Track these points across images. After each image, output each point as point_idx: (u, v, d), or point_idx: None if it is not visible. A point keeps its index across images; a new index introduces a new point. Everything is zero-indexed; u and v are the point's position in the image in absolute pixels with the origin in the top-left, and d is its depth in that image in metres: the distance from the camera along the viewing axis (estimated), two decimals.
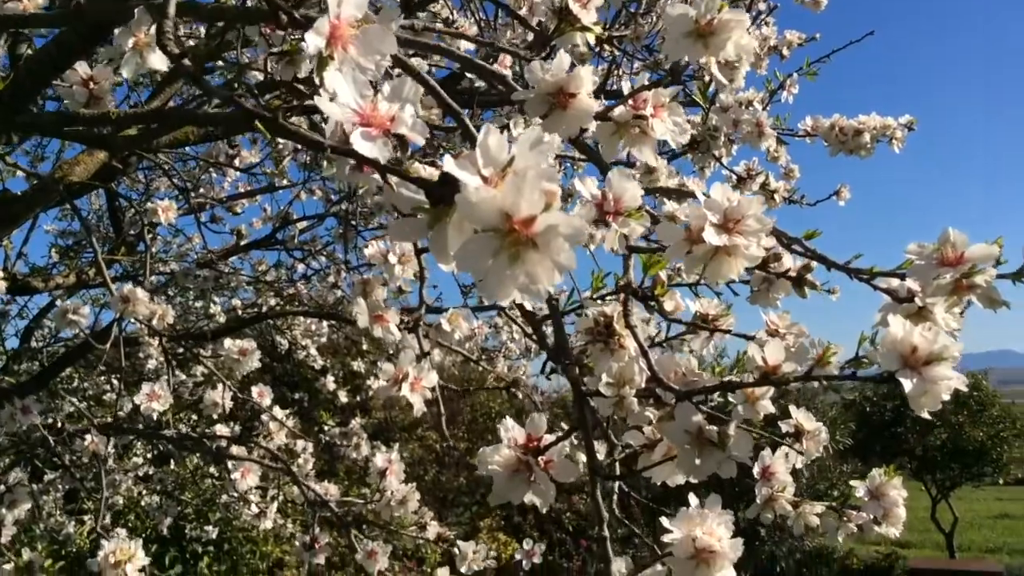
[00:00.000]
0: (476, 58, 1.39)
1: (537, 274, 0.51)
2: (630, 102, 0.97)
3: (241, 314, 4.20)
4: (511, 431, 1.00)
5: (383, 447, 2.61)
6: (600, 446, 1.09)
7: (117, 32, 1.19)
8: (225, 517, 5.61)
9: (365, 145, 0.57)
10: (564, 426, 1.00)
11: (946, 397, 0.77)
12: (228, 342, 2.36)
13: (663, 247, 0.97)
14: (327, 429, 4.49)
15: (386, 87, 0.62)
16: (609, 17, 2.38)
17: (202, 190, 4.00)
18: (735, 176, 2.49)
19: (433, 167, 0.60)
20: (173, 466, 5.26)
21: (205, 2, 1.42)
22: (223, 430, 2.71)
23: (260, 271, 4.42)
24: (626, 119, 0.99)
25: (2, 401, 2.48)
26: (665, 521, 0.99)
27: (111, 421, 2.68)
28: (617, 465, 1.04)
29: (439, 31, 1.58)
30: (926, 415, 0.79)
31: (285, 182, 3.96)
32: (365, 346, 5.07)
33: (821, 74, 2.66)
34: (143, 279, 2.93)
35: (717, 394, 1.09)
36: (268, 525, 2.91)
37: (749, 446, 0.90)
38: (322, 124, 1.09)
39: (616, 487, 1.31)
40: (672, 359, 1.00)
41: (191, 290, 4.17)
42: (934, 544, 14.41)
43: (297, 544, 2.34)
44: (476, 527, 8.60)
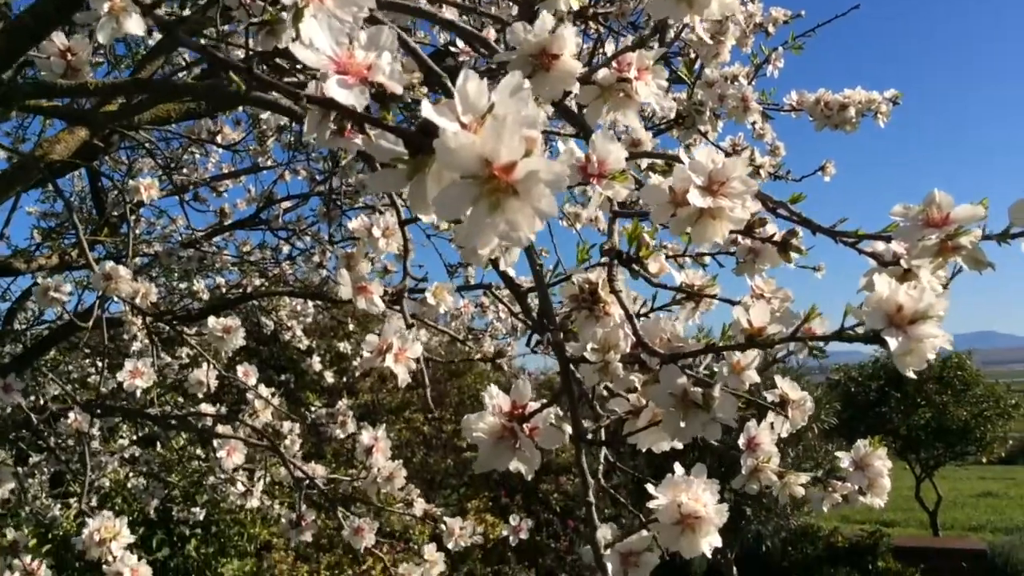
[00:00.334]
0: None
1: (518, 222, 0.50)
2: (614, 65, 0.96)
3: (226, 293, 4.18)
4: (496, 398, 0.99)
5: (370, 428, 2.61)
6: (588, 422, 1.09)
7: None
8: (212, 499, 5.59)
9: (341, 92, 0.56)
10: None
11: (932, 356, 0.77)
12: (212, 320, 2.34)
13: (647, 212, 0.96)
14: (313, 410, 4.48)
15: (363, 35, 0.60)
16: None
17: (185, 170, 3.97)
18: (721, 151, 2.49)
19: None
20: (159, 448, 5.25)
21: None
22: (208, 409, 2.69)
23: (244, 251, 4.39)
24: (610, 82, 0.98)
25: None
26: (651, 487, 0.99)
27: (94, 399, 2.66)
28: (602, 432, 1.04)
29: None
30: (911, 374, 0.78)
31: (270, 163, 3.94)
32: (351, 327, 5.05)
33: (807, 49, 2.66)
34: (126, 260, 2.90)
35: (703, 366, 1.09)
36: (255, 504, 2.90)
37: (734, 409, 0.90)
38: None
39: (603, 460, 1.30)
40: (657, 325, 0.99)
41: (175, 271, 4.14)
42: (918, 523, 14.56)
43: (283, 522, 2.33)
44: (464, 509, 8.61)
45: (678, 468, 0.99)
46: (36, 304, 4.93)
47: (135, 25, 1.08)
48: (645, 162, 1.61)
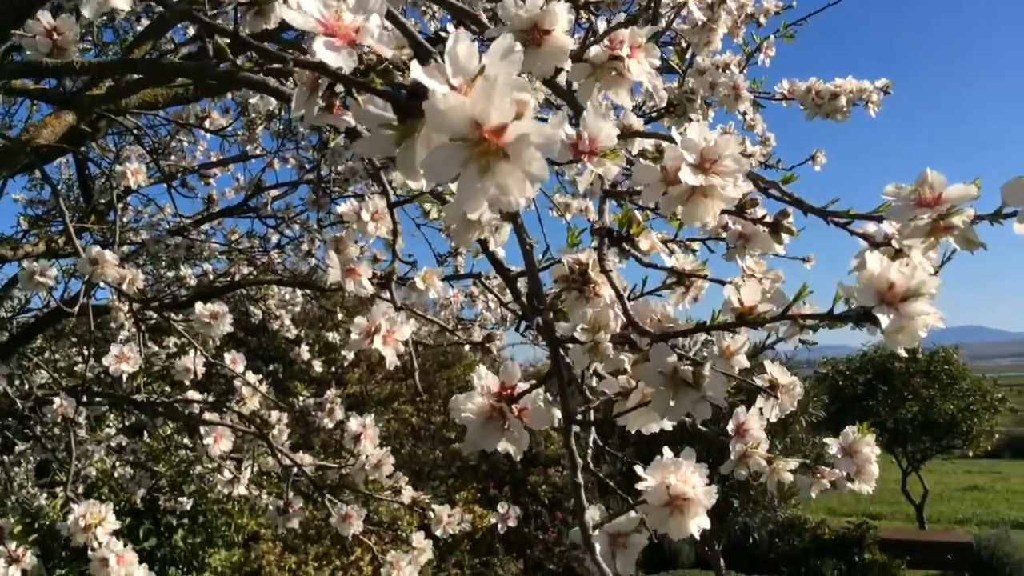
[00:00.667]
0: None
1: (508, 186, 0.49)
2: (606, 42, 0.95)
3: (213, 281, 4.15)
4: (484, 379, 0.98)
5: (358, 416, 2.60)
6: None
7: None
8: (200, 489, 5.58)
9: (329, 55, 0.55)
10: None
11: (924, 334, 0.76)
12: (199, 305, 2.32)
13: (638, 191, 0.95)
14: (302, 400, 4.47)
15: None
16: None
17: (173, 158, 3.95)
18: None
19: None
20: (146, 438, 5.22)
21: None
22: (196, 396, 2.68)
23: (232, 240, 4.37)
24: (602, 60, 0.97)
25: None
26: (639, 469, 0.98)
27: (80, 384, 2.64)
28: (591, 412, 1.03)
29: None
30: (902, 352, 0.78)
31: (259, 151, 3.91)
32: (340, 316, 5.04)
33: (801, 44, 2.66)
34: (113, 247, 2.88)
35: (694, 352, 1.08)
36: (241, 491, 2.89)
37: (724, 387, 0.89)
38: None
39: (591, 441, 1.30)
40: (647, 305, 0.98)
41: (162, 259, 4.11)
42: (904, 516, 14.64)
43: (271, 508, 2.32)
44: (452, 500, 8.61)
45: (667, 451, 0.99)
46: (22, 291, 4.91)
47: (122, 1, 1.07)
48: (636, 149, 1.60)
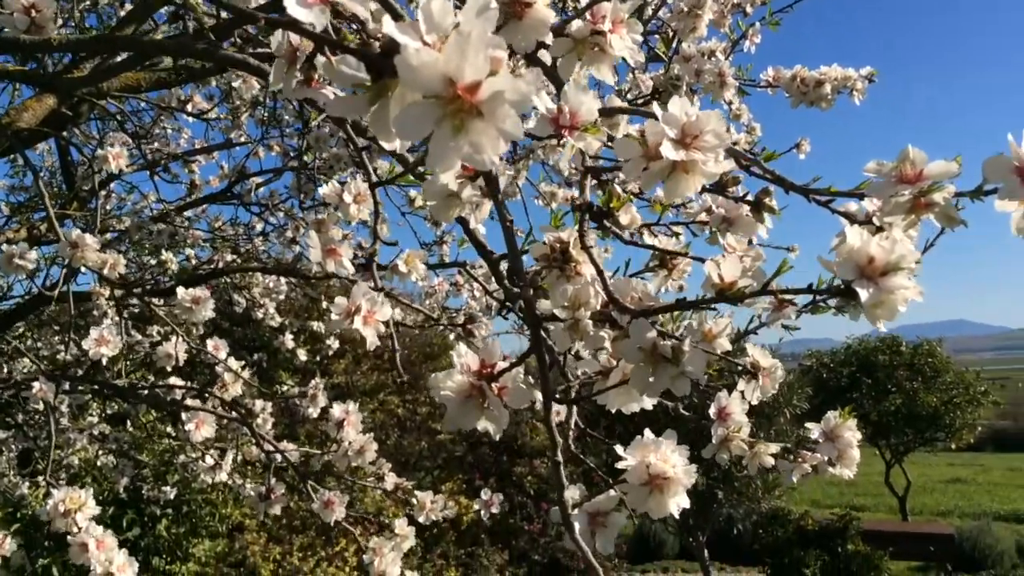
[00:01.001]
0: None
1: (482, 144, 0.48)
2: (588, 16, 0.94)
3: (196, 268, 4.13)
4: (464, 357, 0.97)
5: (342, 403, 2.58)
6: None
7: None
8: (183, 478, 5.56)
9: (300, 11, 0.54)
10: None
11: (903, 309, 0.76)
12: (181, 290, 2.30)
13: (619, 167, 0.94)
14: (286, 389, 4.44)
15: None
16: None
17: (156, 144, 3.91)
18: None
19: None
20: (129, 427, 5.19)
21: None
22: (177, 382, 2.66)
23: (216, 227, 4.34)
24: (584, 35, 0.96)
25: None
26: (619, 448, 0.98)
27: (59, 369, 2.62)
28: (572, 391, 1.03)
29: None
30: (883, 328, 0.78)
31: (243, 139, 3.88)
32: (325, 305, 5.00)
33: (789, 38, 2.66)
34: (94, 232, 2.85)
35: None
36: (223, 479, 2.87)
37: (703, 363, 0.89)
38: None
39: (573, 425, 1.29)
40: (628, 283, 0.98)
41: (145, 246, 4.08)
42: (887, 507, 14.76)
43: (252, 495, 2.31)
44: (438, 491, 8.61)
45: (647, 432, 0.98)
46: (2, 278, 4.87)
47: None
48: (620, 133, 1.60)
